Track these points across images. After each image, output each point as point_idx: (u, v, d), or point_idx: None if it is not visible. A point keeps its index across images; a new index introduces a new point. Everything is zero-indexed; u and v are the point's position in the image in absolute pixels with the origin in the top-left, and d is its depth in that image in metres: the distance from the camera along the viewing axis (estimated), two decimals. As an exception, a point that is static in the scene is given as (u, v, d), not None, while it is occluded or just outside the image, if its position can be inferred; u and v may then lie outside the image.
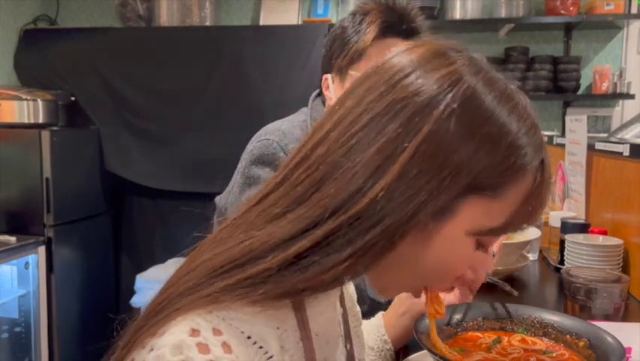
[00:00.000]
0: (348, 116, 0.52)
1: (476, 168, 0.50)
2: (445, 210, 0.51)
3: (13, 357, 2.70)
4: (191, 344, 0.45)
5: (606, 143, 1.55)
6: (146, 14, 3.29)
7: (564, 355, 0.74)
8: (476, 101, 0.51)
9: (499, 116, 0.51)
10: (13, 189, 2.74)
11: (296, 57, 2.98)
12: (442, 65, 0.52)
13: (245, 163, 1.20)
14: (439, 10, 3.10)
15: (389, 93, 0.51)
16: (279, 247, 0.49)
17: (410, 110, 0.50)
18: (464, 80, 0.51)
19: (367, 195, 0.49)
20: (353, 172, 0.49)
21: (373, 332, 0.89)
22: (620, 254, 1.33)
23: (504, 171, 0.51)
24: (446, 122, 0.49)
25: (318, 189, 0.50)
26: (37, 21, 3.43)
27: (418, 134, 0.49)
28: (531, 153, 0.52)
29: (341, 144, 0.51)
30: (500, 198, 0.52)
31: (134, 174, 3.12)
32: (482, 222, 0.52)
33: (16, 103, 2.80)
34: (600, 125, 3.17)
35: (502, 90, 0.52)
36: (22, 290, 2.67)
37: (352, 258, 0.49)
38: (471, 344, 0.76)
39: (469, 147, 0.49)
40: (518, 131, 0.51)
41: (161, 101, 3.09)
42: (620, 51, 3.22)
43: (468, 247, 0.54)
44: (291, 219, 0.50)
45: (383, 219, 0.49)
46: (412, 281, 0.57)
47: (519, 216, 0.54)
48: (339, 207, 0.49)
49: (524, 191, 0.53)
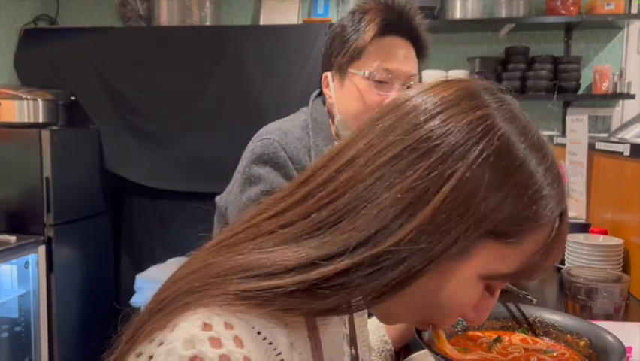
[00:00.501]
0: (375, 146, 0.52)
1: (500, 216, 0.50)
2: (462, 252, 0.51)
3: (13, 357, 2.70)
4: (203, 338, 0.45)
5: (607, 143, 1.55)
6: (146, 14, 3.29)
7: (565, 354, 0.74)
8: (510, 150, 0.50)
9: (529, 166, 0.51)
10: (13, 189, 2.74)
11: (296, 57, 2.97)
12: (476, 107, 0.52)
13: (245, 162, 1.19)
14: (439, 10, 3.10)
15: (421, 128, 0.51)
16: (295, 270, 0.49)
17: (442, 150, 0.50)
18: (498, 126, 0.51)
19: (395, 235, 0.49)
20: (381, 207, 0.49)
21: (374, 332, 0.89)
22: (620, 254, 1.33)
23: (524, 219, 0.51)
24: (479, 170, 0.49)
25: (342, 219, 0.50)
26: (37, 20, 3.43)
27: (451, 179, 0.49)
28: (553, 205, 0.52)
29: (369, 173, 0.51)
30: (517, 245, 0.52)
31: (134, 174, 3.12)
32: (495, 267, 0.52)
33: (16, 102, 2.80)
34: (600, 125, 3.17)
35: (535, 139, 0.53)
36: (22, 290, 2.67)
37: (370, 293, 0.50)
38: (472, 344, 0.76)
39: (498, 195, 0.50)
40: (544, 181, 0.51)
41: (161, 101, 3.09)
42: (621, 51, 3.22)
43: (477, 288, 0.54)
44: (313, 245, 0.50)
45: (406, 260, 0.49)
46: (417, 315, 0.57)
47: (531, 266, 0.54)
48: (364, 242, 0.49)
49: (541, 241, 0.53)
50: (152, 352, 0.46)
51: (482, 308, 0.57)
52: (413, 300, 0.53)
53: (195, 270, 0.51)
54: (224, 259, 0.51)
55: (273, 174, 1.15)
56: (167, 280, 0.53)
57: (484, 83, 0.56)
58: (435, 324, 0.60)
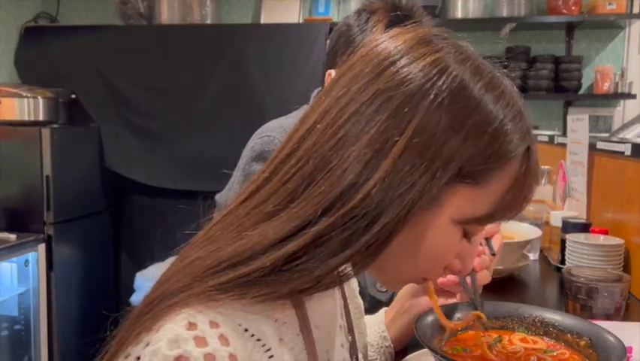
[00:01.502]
0: (335, 107, 0.51)
1: (463, 158, 0.49)
2: (433, 200, 0.50)
3: (13, 355, 2.70)
4: (188, 337, 0.44)
5: (608, 142, 1.55)
6: (147, 12, 3.28)
7: (565, 354, 0.74)
8: (464, 91, 0.50)
9: (486, 105, 0.50)
10: (14, 187, 2.74)
11: (297, 55, 2.97)
12: (428, 53, 0.51)
13: (245, 160, 1.19)
14: (440, 9, 3.10)
15: (374, 82, 0.51)
16: (272, 247, 0.48)
17: (397, 100, 0.49)
18: (451, 68, 0.50)
19: (360, 191, 0.48)
20: (344, 167, 0.49)
21: (374, 328, 0.89)
22: (621, 254, 1.33)
23: (489, 158, 0.50)
24: (435, 114, 0.49)
25: (309, 185, 0.49)
26: (38, 18, 3.43)
27: (408, 127, 0.49)
28: (516, 140, 0.52)
29: (329, 136, 0.50)
30: (485, 185, 0.51)
31: (134, 172, 3.12)
32: (468, 210, 0.52)
33: (16, 100, 2.80)
34: (601, 125, 3.17)
35: (489, 78, 0.52)
36: (22, 288, 2.67)
37: (350, 258, 0.49)
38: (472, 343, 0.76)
39: (458, 138, 0.49)
40: (504, 118, 0.51)
41: (161, 99, 3.09)
42: (622, 51, 3.21)
43: (454, 235, 0.54)
44: (284, 218, 0.49)
45: (379, 216, 0.48)
46: (410, 272, 0.57)
47: (505, 205, 0.53)
48: (332, 205, 0.48)
49: (510, 179, 0.52)
50: (138, 353, 0.46)
51: (465, 255, 0.57)
52: (398, 257, 0.53)
53: (180, 269, 0.51)
54: (206, 254, 0.50)
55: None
56: (157, 282, 0.53)
57: (435, 29, 0.55)
58: (427, 277, 0.59)
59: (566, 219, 1.50)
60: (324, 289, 0.51)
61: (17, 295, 2.68)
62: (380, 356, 0.87)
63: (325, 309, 0.60)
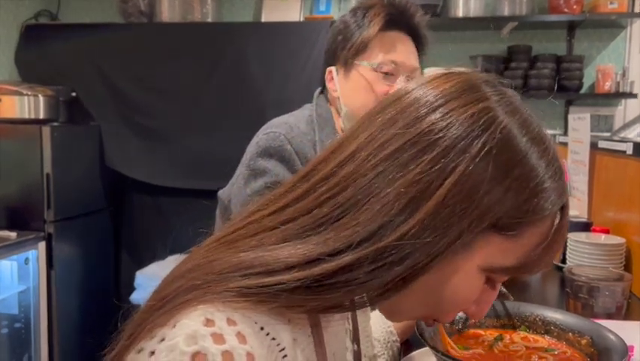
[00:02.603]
0: (379, 138, 0.51)
1: (502, 209, 0.50)
2: (465, 246, 0.50)
3: (13, 353, 2.70)
4: (205, 333, 0.44)
5: (609, 141, 1.54)
6: (148, 10, 3.28)
7: (566, 353, 0.74)
8: (512, 143, 0.50)
9: (531, 159, 0.51)
10: (14, 185, 2.73)
11: (298, 54, 2.97)
12: (475, 101, 0.51)
13: (250, 155, 1.19)
14: (441, 8, 3.09)
15: (424, 120, 0.51)
16: (298, 266, 0.48)
17: (444, 143, 0.49)
18: (500, 118, 0.50)
19: (398, 230, 0.48)
20: (384, 202, 0.48)
21: (379, 324, 0.89)
22: (622, 253, 1.33)
23: (526, 212, 0.51)
24: (481, 163, 0.49)
25: (344, 213, 0.49)
26: (39, 16, 3.42)
27: (454, 173, 0.48)
28: (554, 198, 0.52)
29: (371, 167, 0.50)
30: (518, 238, 0.52)
31: (134, 171, 3.11)
32: (497, 260, 0.52)
33: (16, 98, 2.80)
34: (602, 124, 3.16)
35: (536, 132, 0.52)
36: (22, 286, 2.66)
37: (373, 290, 0.49)
38: (473, 342, 0.76)
39: (500, 189, 0.49)
40: (545, 174, 0.51)
41: (162, 98, 3.08)
42: (623, 50, 3.21)
43: (478, 282, 0.54)
44: (314, 241, 0.49)
45: (411, 255, 0.48)
46: (422, 310, 0.57)
47: (533, 259, 0.53)
48: (367, 238, 0.48)
49: (542, 234, 0.53)
50: (153, 348, 0.45)
51: (483, 302, 0.57)
52: (417, 296, 0.53)
53: (195, 267, 0.51)
54: (225, 256, 0.50)
55: (278, 167, 1.15)
56: (167, 277, 0.52)
57: (484, 75, 0.55)
58: (438, 319, 0.59)
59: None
60: (340, 312, 0.52)
61: (17, 294, 2.67)
62: (387, 350, 0.87)
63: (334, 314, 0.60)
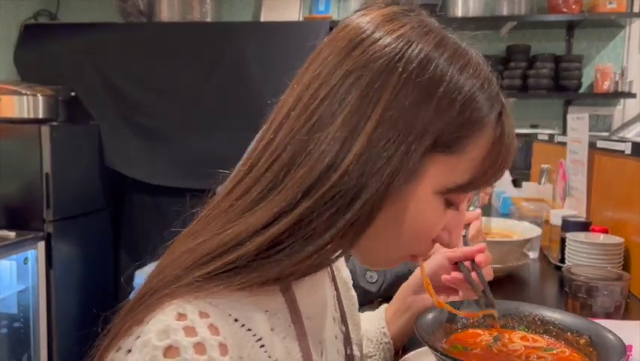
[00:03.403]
0: (307, 92, 0.53)
1: (437, 128, 0.51)
2: (411, 173, 0.51)
3: (12, 353, 2.70)
4: (177, 327, 0.45)
5: (608, 141, 1.55)
6: (147, 10, 3.28)
7: (565, 352, 0.74)
8: (430, 63, 0.51)
9: (453, 75, 0.52)
10: (13, 185, 2.74)
11: (297, 54, 2.96)
12: (393, 29, 0.53)
13: None
14: (440, 7, 3.10)
15: (343, 64, 0.52)
16: (255, 233, 0.49)
17: (367, 78, 0.50)
18: (416, 42, 0.52)
19: (338, 170, 0.49)
20: (321, 150, 0.50)
21: (374, 324, 0.89)
22: (620, 252, 1.33)
23: (462, 126, 0.52)
24: (404, 88, 0.50)
25: (289, 171, 0.50)
26: (38, 16, 3.42)
27: (379, 103, 0.50)
28: (486, 107, 0.53)
29: (304, 121, 0.51)
30: (462, 153, 0.52)
31: (133, 171, 3.11)
32: (448, 179, 0.53)
33: (16, 98, 2.80)
34: (601, 124, 3.17)
35: (454, 49, 0.53)
36: (22, 286, 2.67)
37: (335, 238, 0.50)
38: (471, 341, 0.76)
39: (428, 109, 0.50)
40: (472, 87, 0.52)
41: (161, 98, 3.08)
42: (622, 50, 3.21)
43: (438, 206, 0.54)
44: (265, 205, 0.50)
45: (360, 193, 0.49)
46: (396, 249, 0.57)
47: (484, 171, 0.54)
48: (311, 187, 0.49)
49: (486, 145, 0.54)
50: (129, 346, 0.46)
51: (452, 226, 0.57)
52: (382, 235, 0.53)
53: (168, 263, 0.52)
54: (192, 247, 0.51)
55: None
56: (147, 278, 0.53)
57: (398, 6, 0.56)
58: (415, 254, 0.59)
59: (565, 217, 1.50)
60: (312, 272, 0.52)
61: (16, 293, 2.67)
62: (379, 352, 0.87)
63: (316, 300, 0.60)
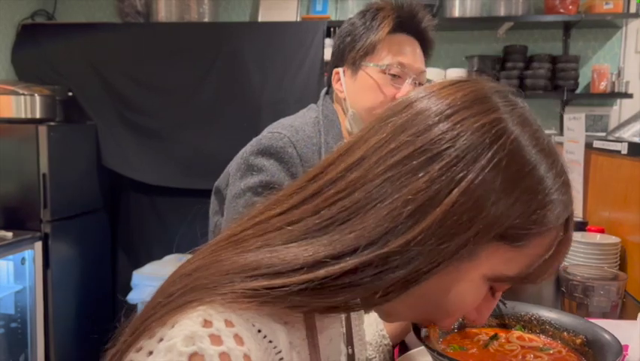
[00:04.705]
0: (385, 146, 0.51)
1: (509, 220, 0.50)
2: (470, 255, 0.51)
3: (10, 353, 2.70)
4: (203, 334, 0.44)
5: (604, 141, 1.55)
6: (145, 10, 3.28)
7: (561, 352, 0.74)
8: (521, 154, 0.50)
9: (539, 171, 0.51)
10: (10, 185, 2.73)
11: (294, 54, 2.97)
12: (486, 111, 0.52)
13: (251, 150, 1.19)
14: (437, 8, 3.10)
15: (430, 130, 0.51)
16: (304, 268, 0.49)
17: (453, 154, 0.49)
18: (510, 130, 0.51)
19: (404, 236, 0.48)
20: (392, 207, 0.49)
21: (372, 327, 0.89)
22: (617, 252, 1.34)
23: (533, 223, 0.51)
24: (490, 174, 0.49)
25: (351, 217, 0.50)
26: (35, 16, 3.41)
27: (462, 183, 0.49)
28: (560, 210, 0.52)
29: (379, 172, 0.50)
30: (523, 248, 0.52)
31: (131, 170, 3.11)
32: (501, 269, 0.52)
33: (13, 98, 2.79)
34: (598, 124, 3.18)
35: (545, 145, 0.53)
36: (19, 286, 2.66)
37: (376, 293, 0.50)
38: (468, 341, 0.76)
39: (508, 200, 0.49)
40: (553, 187, 0.51)
41: (159, 98, 3.08)
42: (619, 50, 3.22)
43: (482, 290, 0.54)
44: (322, 243, 0.49)
45: (415, 261, 0.49)
46: (420, 315, 0.57)
47: (537, 269, 0.54)
48: (374, 242, 0.49)
49: (546, 245, 0.53)
50: (151, 348, 0.46)
51: (484, 309, 0.57)
52: (418, 300, 0.53)
53: (202, 266, 0.51)
54: (231, 256, 0.51)
55: (275, 167, 1.15)
56: (173, 275, 0.52)
57: (495, 85, 0.55)
58: (436, 323, 0.59)
59: (562, 217, 1.50)
60: (342, 313, 0.53)
61: (14, 293, 2.67)
62: (379, 354, 0.88)
63: (333, 319, 0.60)
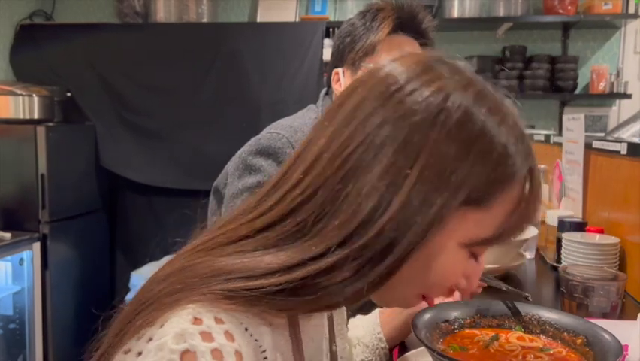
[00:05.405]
0: (340, 136, 0.51)
1: (471, 184, 0.50)
2: (441, 227, 0.51)
3: (8, 354, 2.69)
4: (194, 332, 0.44)
5: (603, 142, 1.55)
6: (143, 10, 3.27)
7: (561, 352, 0.74)
8: (470, 118, 0.50)
9: (490, 130, 0.51)
10: (8, 185, 2.72)
11: (293, 54, 2.97)
12: (430, 81, 0.51)
13: (249, 150, 1.19)
14: (437, 9, 3.10)
15: (379, 112, 0.51)
16: (280, 270, 0.49)
17: (405, 130, 0.50)
18: (455, 96, 0.51)
19: (375, 227, 0.48)
20: (357, 201, 0.49)
21: (368, 329, 0.89)
22: (616, 252, 1.33)
23: (494, 182, 0.51)
24: (444, 144, 0.49)
25: (319, 218, 0.50)
26: (33, 16, 3.41)
27: (418, 159, 0.49)
28: (519, 163, 0.52)
29: (337, 167, 0.50)
30: (490, 208, 0.52)
31: (129, 171, 3.11)
32: (474, 233, 0.53)
33: (11, 98, 2.79)
34: (597, 124, 3.18)
35: (492, 102, 0.52)
36: (17, 287, 2.66)
37: (361, 287, 0.49)
38: (468, 342, 0.76)
39: (466, 165, 0.50)
40: (507, 142, 0.51)
41: (157, 98, 3.08)
42: (618, 51, 3.22)
43: (462, 258, 0.54)
44: (296, 248, 0.50)
45: (393, 248, 0.49)
46: (411, 293, 0.57)
47: (510, 226, 0.54)
48: (346, 239, 0.49)
49: (513, 200, 0.53)
50: (140, 348, 0.45)
51: (471, 275, 0.57)
52: (403, 283, 0.53)
53: (176, 271, 0.51)
54: (204, 261, 0.50)
55: (273, 168, 1.15)
56: (150, 280, 0.53)
57: (434, 54, 0.55)
58: (428, 296, 0.59)
59: (562, 218, 1.50)
60: (329, 310, 0.53)
61: (12, 294, 2.66)
62: (375, 357, 0.88)
63: (317, 322, 0.60)
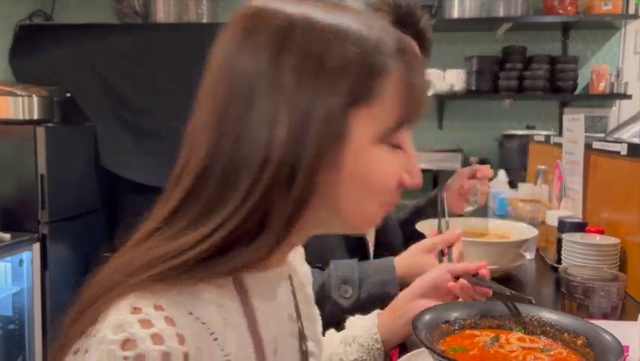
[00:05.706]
0: (205, 104, 0.61)
1: (344, 87, 0.50)
2: (343, 135, 0.51)
3: (7, 355, 2.69)
4: (132, 320, 0.45)
5: (603, 142, 1.55)
6: (143, 10, 3.27)
7: (562, 353, 0.74)
8: (311, 36, 0.51)
9: (337, 35, 0.51)
10: (8, 186, 2.72)
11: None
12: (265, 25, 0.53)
13: None
14: (436, 9, 3.10)
15: (228, 58, 0.57)
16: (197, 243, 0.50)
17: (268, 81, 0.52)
18: (289, 23, 0.51)
19: (272, 163, 0.50)
20: (249, 148, 0.51)
21: (365, 329, 0.90)
22: (617, 253, 1.33)
23: (368, 78, 0.51)
24: (302, 66, 0.50)
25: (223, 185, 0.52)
26: (33, 16, 3.41)
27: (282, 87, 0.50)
28: (385, 50, 0.52)
29: (214, 128, 0.59)
30: (378, 99, 0.52)
31: (129, 172, 3.10)
32: (378, 127, 0.53)
33: (10, 99, 2.79)
34: (597, 125, 3.18)
35: (327, 20, 0.52)
36: (17, 287, 2.65)
37: (286, 218, 0.51)
38: (469, 343, 0.76)
39: (330, 79, 0.50)
40: (360, 37, 0.52)
41: (157, 98, 3.08)
42: (618, 51, 3.22)
43: (384, 154, 0.54)
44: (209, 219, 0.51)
45: (295, 179, 0.49)
46: (367, 206, 0.56)
47: (407, 106, 0.54)
48: (253, 185, 0.50)
49: (400, 81, 0.53)
50: (87, 345, 0.46)
51: (408, 165, 0.57)
52: (349, 201, 0.54)
53: (116, 268, 0.52)
54: (139, 254, 0.52)
55: None
56: (94, 280, 0.53)
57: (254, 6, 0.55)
58: (386, 202, 0.58)
59: (562, 218, 1.50)
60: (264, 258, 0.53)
61: (11, 295, 2.66)
62: (370, 357, 0.89)
63: (270, 297, 0.60)
